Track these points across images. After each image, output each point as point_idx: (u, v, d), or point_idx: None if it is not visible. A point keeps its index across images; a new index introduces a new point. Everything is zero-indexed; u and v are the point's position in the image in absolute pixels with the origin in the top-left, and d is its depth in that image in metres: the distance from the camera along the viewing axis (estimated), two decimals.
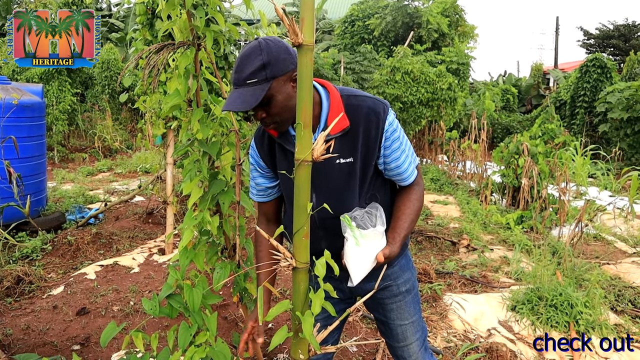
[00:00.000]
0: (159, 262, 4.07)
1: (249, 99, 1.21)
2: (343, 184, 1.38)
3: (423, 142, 10.33)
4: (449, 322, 3.12)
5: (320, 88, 1.39)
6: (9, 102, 4.36)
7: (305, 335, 1.06)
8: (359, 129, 1.35)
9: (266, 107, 1.27)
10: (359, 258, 1.26)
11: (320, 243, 1.42)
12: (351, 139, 1.35)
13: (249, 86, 1.22)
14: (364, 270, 1.27)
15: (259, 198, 1.58)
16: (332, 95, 1.37)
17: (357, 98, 1.37)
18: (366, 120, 1.34)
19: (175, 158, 4.07)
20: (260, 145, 1.47)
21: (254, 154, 1.51)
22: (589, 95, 11.89)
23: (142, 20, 3.73)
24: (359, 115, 1.35)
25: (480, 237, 4.94)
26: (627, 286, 3.69)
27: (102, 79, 11.71)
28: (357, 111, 1.35)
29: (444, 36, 13.35)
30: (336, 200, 1.39)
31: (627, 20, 23.99)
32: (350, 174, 1.37)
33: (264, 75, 1.21)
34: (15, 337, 2.80)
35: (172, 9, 1.54)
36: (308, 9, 0.99)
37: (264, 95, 1.21)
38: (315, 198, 1.39)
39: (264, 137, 1.46)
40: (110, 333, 1.56)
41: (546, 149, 6.19)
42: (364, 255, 1.26)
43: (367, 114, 1.34)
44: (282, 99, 1.25)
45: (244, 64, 1.23)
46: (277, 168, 1.47)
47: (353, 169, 1.37)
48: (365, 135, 1.35)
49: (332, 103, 1.35)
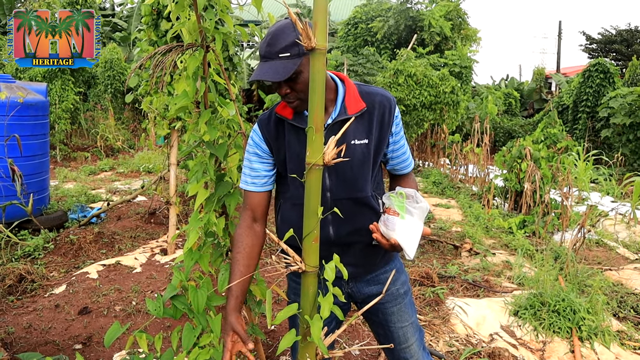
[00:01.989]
0: (161, 263, 4.07)
1: (281, 71, 1.26)
2: (358, 164, 1.42)
3: (425, 145, 10.32)
4: (451, 326, 3.12)
5: (335, 77, 1.47)
6: (13, 101, 4.37)
7: (314, 339, 1.06)
8: (374, 112, 1.43)
9: (291, 83, 1.31)
10: (413, 231, 1.29)
11: (327, 227, 1.43)
12: (367, 121, 1.42)
13: (280, 59, 1.27)
14: (415, 243, 1.30)
15: (252, 187, 1.49)
16: (347, 83, 1.45)
17: (370, 87, 1.48)
18: (380, 105, 1.44)
19: (179, 159, 4.08)
20: (266, 128, 1.47)
21: (255, 137, 1.49)
22: (592, 100, 11.88)
23: (147, 20, 3.74)
24: (374, 100, 1.44)
25: (483, 241, 4.93)
26: (630, 292, 3.68)
27: (105, 79, 11.72)
28: (371, 97, 1.44)
29: (446, 39, 13.34)
30: (350, 181, 1.42)
31: (629, 25, 23.98)
32: (364, 156, 1.42)
33: (297, 51, 1.26)
34: (18, 336, 2.80)
35: (181, 10, 1.54)
36: (321, 13, 0.99)
37: (295, 70, 1.26)
38: (329, 178, 1.41)
39: (270, 121, 1.47)
40: (115, 333, 1.56)
41: (549, 154, 6.18)
42: (416, 229, 1.30)
43: (380, 100, 1.44)
44: (308, 76, 1.30)
45: (277, 38, 1.27)
46: (282, 152, 1.45)
47: (367, 151, 1.42)
48: (380, 119, 1.43)
49: (348, 89, 1.43)
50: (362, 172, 1.43)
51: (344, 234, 1.44)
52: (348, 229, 1.43)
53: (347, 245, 1.47)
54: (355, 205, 1.44)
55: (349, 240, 1.46)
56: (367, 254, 1.51)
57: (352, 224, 1.44)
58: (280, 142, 1.45)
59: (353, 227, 1.45)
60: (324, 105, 1.39)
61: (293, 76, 1.29)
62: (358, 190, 1.43)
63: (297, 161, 1.41)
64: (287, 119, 1.42)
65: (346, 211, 1.40)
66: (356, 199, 1.44)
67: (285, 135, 1.44)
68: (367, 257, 1.51)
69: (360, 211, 1.45)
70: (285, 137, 1.44)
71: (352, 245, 1.48)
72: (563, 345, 2.90)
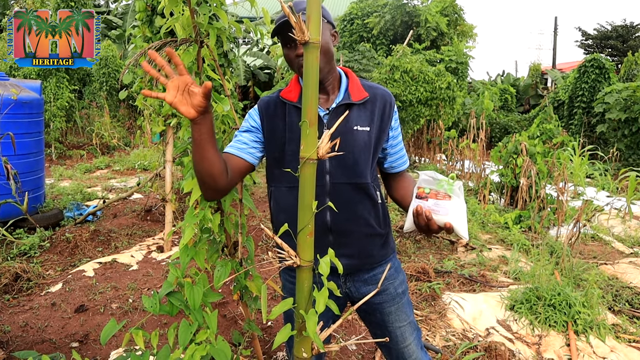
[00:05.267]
0: (158, 260, 4.06)
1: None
2: (359, 150, 1.44)
3: (422, 141, 10.33)
4: (447, 321, 3.13)
5: (339, 69, 1.54)
6: (7, 98, 4.34)
7: (309, 333, 1.06)
8: (376, 103, 1.49)
9: None
10: (462, 212, 1.29)
11: (324, 212, 1.43)
12: (369, 111, 1.48)
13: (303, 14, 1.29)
14: (466, 223, 1.29)
15: (232, 150, 1.46)
16: (350, 75, 1.53)
17: (371, 82, 1.56)
18: (382, 98, 1.51)
19: (175, 155, 4.06)
20: (265, 105, 1.51)
21: (255, 115, 1.51)
22: (587, 96, 11.91)
23: (141, 17, 3.72)
24: (376, 93, 1.51)
25: (479, 237, 4.95)
26: (625, 286, 3.71)
27: (100, 76, 11.66)
28: (373, 89, 1.52)
29: (442, 35, 13.32)
30: (351, 165, 1.43)
31: (624, 21, 24.05)
32: (365, 143, 1.45)
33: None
34: (14, 334, 2.80)
35: (174, 5, 1.53)
36: (314, 7, 0.98)
37: None
38: (329, 162, 1.42)
39: (271, 101, 1.50)
40: (111, 330, 1.55)
41: (544, 149, 6.20)
42: (464, 209, 1.29)
43: (382, 94, 1.51)
44: (325, 41, 1.37)
45: (300, 3, 1.39)
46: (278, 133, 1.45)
47: (369, 138, 1.46)
48: (381, 110, 1.49)
49: (351, 80, 1.51)
50: (363, 158, 1.45)
51: (341, 221, 1.44)
52: (346, 215, 1.43)
53: (343, 233, 1.46)
54: (354, 191, 1.45)
55: (345, 228, 1.46)
56: (363, 245, 1.50)
57: (350, 210, 1.44)
58: (278, 122, 1.46)
59: (351, 214, 1.45)
60: (327, 92, 1.48)
61: None
62: (358, 176, 1.44)
63: (299, 143, 1.40)
64: (291, 102, 1.45)
65: (345, 197, 1.42)
66: (356, 184, 1.44)
67: (287, 117, 1.45)
68: (363, 248, 1.50)
69: (359, 199, 1.46)
70: (286, 119, 1.45)
71: (349, 234, 1.47)
72: (559, 338, 2.92)
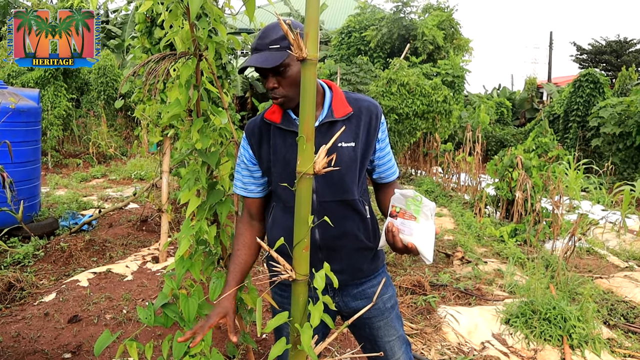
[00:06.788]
0: (153, 270, 4.04)
1: (270, 59, 1.30)
2: (345, 167, 1.43)
3: (418, 154, 10.38)
4: (442, 334, 3.12)
5: (323, 83, 1.51)
6: (5, 107, 4.35)
7: (304, 347, 1.06)
8: (361, 117, 1.46)
9: (279, 77, 1.35)
10: (429, 235, 1.28)
11: (313, 231, 1.43)
12: (354, 125, 1.45)
13: (270, 50, 1.32)
14: (432, 246, 1.28)
15: (243, 192, 1.57)
16: (334, 89, 1.49)
17: (357, 94, 1.52)
18: (367, 111, 1.47)
19: (172, 166, 4.07)
20: (252, 133, 1.50)
21: (244, 143, 1.53)
22: (582, 110, 12.03)
23: (141, 28, 3.74)
24: (361, 106, 1.47)
25: (474, 250, 4.95)
26: (620, 300, 3.71)
27: (98, 85, 11.68)
28: (358, 103, 1.48)
29: (439, 49, 13.46)
30: (337, 183, 1.43)
31: (618, 36, 24.41)
32: (351, 159, 1.44)
33: (286, 44, 1.30)
34: (5, 345, 2.77)
35: (174, 19, 1.55)
36: (312, 25, 1.00)
37: (283, 61, 1.30)
38: (315, 180, 1.41)
39: (256, 126, 1.50)
40: (105, 342, 1.54)
41: (540, 163, 6.24)
42: (431, 231, 1.28)
43: (367, 106, 1.48)
44: (295, 72, 1.34)
45: (269, 32, 1.34)
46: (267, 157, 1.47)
47: (354, 154, 1.44)
48: (366, 124, 1.46)
49: (335, 94, 1.47)
50: (349, 175, 1.44)
51: (330, 238, 1.45)
52: (334, 232, 1.43)
53: (333, 249, 1.47)
54: (342, 208, 1.45)
55: (335, 244, 1.46)
56: (353, 260, 1.51)
57: (338, 227, 1.44)
58: (265, 147, 1.47)
59: (339, 230, 1.45)
60: None
61: (281, 69, 1.33)
62: (345, 192, 1.44)
63: (283, 164, 1.42)
64: (275, 123, 1.44)
65: (333, 214, 1.40)
66: (343, 201, 1.45)
67: (271, 139, 1.46)
68: (353, 263, 1.51)
69: (347, 215, 1.46)
70: (270, 141, 1.46)
71: (338, 250, 1.48)
72: (554, 353, 2.91)
